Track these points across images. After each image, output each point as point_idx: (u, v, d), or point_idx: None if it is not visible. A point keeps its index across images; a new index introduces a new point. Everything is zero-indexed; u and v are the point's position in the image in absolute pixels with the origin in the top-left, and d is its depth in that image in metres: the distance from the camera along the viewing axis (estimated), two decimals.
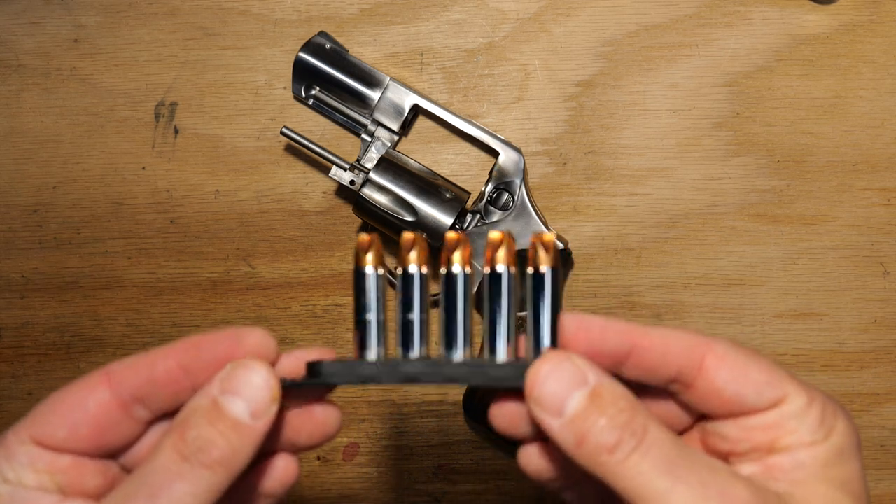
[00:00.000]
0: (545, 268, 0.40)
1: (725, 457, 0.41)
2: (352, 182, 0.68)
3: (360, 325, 0.41)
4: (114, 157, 0.73)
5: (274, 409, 0.39)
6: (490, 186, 0.69)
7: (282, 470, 0.42)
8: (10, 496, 0.39)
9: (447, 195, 0.67)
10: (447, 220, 0.66)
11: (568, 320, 0.40)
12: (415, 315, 0.41)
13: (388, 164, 0.67)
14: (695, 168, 0.71)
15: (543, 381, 0.38)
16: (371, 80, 0.70)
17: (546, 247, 0.40)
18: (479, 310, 0.41)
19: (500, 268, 0.40)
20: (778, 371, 0.40)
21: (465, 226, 0.69)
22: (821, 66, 0.71)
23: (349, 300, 0.73)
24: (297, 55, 0.70)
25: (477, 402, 0.70)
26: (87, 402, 0.40)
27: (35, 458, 0.40)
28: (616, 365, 0.40)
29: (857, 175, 0.71)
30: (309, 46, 0.70)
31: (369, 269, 0.41)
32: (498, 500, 0.73)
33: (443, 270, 0.41)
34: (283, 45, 0.71)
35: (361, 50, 0.71)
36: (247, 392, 0.39)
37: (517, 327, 0.41)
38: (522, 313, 0.41)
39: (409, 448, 0.73)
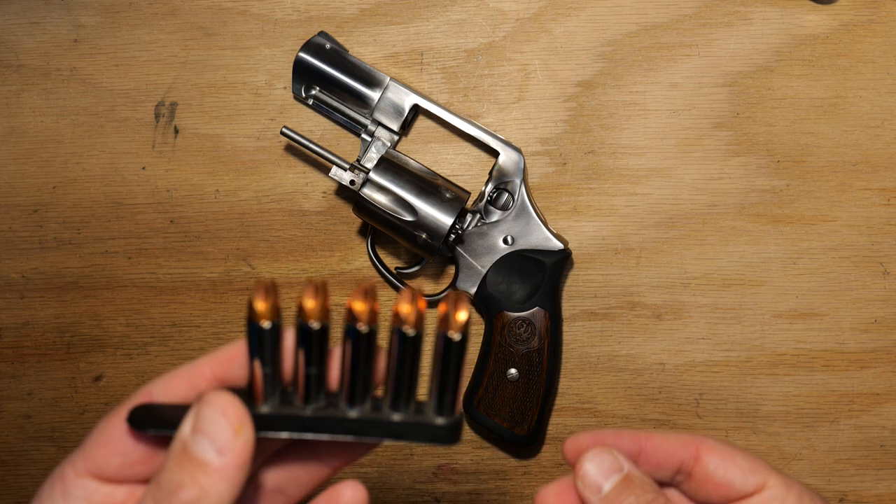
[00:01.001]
0: (457, 335, 0.39)
1: None
2: (352, 182, 0.68)
3: (254, 376, 0.40)
4: (114, 157, 0.73)
5: (240, 442, 0.39)
6: (490, 186, 0.69)
7: (349, 497, 0.46)
8: None
9: (447, 195, 0.67)
10: (447, 220, 0.66)
11: (585, 438, 0.47)
12: (313, 369, 0.40)
13: (388, 164, 0.67)
14: (695, 168, 0.71)
15: (587, 464, 0.45)
16: (371, 80, 0.70)
17: (460, 312, 0.39)
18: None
19: (409, 330, 0.39)
20: (760, 461, 0.47)
21: (465, 225, 0.69)
22: (821, 66, 0.71)
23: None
24: (297, 55, 0.70)
25: (477, 403, 0.70)
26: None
27: (91, 492, 0.40)
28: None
29: (857, 175, 0.71)
30: (309, 46, 0.70)
31: (265, 324, 0.38)
32: (498, 500, 0.73)
33: (360, 326, 0.39)
34: (283, 45, 0.71)
35: (361, 50, 0.71)
36: (211, 429, 0.38)
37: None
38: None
39: (409, 448, 0.73)
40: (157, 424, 0.40)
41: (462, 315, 0.39)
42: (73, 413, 0.74)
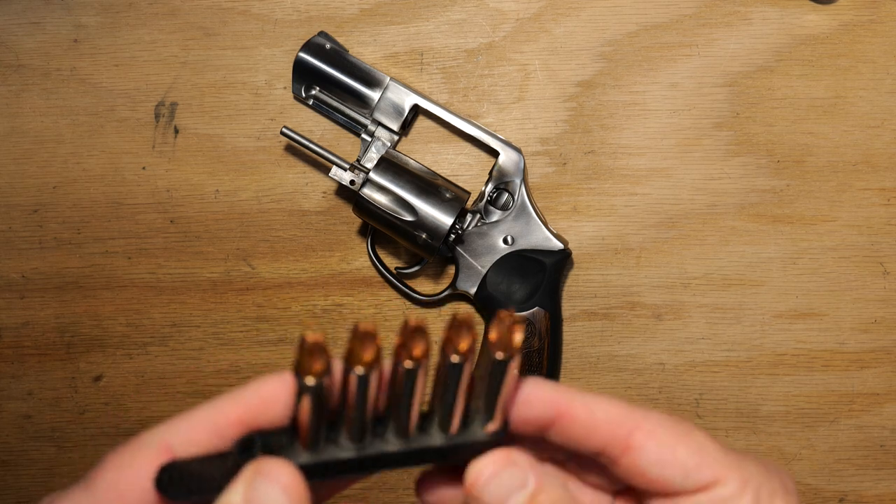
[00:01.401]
0: (504, 356, 0.36)
1: None
2: (352, 182, 0.68)
3: (300, 425, 0.37)
4: (114, 157, 0.73)
5: None
6: (490, 186, 0.69)
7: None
8: None
9: (447, 195, 0.67)
10: (447, 220, 0.66)
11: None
12: (357, 413, 0.37)
13: (388, 164, 0.67)
14: (695, 168, 0.71)
15: (486, 484, 0.37)
16: (371, 80, 0.70)
17: (514, 330, 0.37)
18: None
19: (456, 359, 0.36)
20: (711, 452, 0.38)
21: (465, 225, 0.69)
22: (821, 66, 0.71)
23: (349, 300, 0.73)
24: (297, 55, 0.69)
25: None
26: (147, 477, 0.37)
27: None
28: (540, 430, 0.39)
29: (857, 175, 0.71)
30: (309, 46, 0.70)
31: (310, 380, 0.35)
32: None
33: (406, 363, 0.36)
34: (283, 45, 0.71)
35: (361, 50, 0.71)
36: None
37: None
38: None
39: None
40: (191, 488, 0.36)
41: (518, 337, 0.36)
42: (73, 413, 0.74)
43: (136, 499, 0.37)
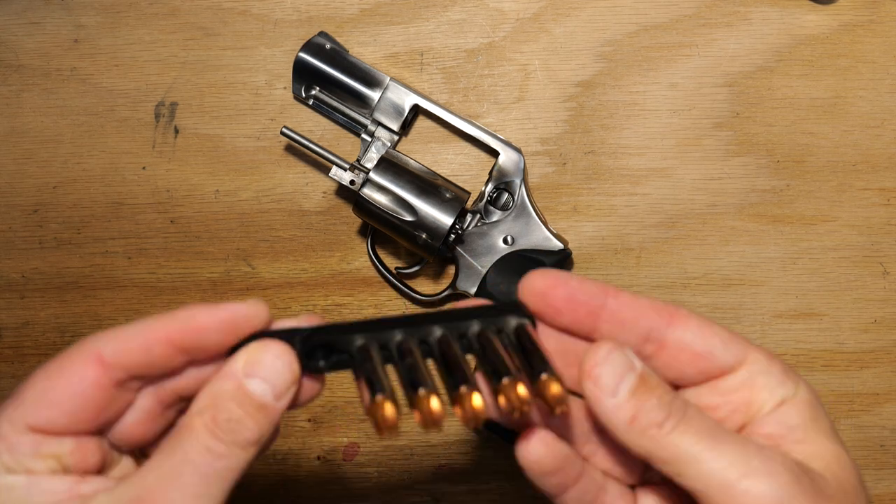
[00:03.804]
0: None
1: None
2: (352, 182, 0.68)
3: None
4: (114, 157, 0.73)
5: (294, 389, 0.41)
6: (490, 186, 0.69)
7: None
8: (27, 486, 0.40)
9: (447, 195, 0.67)
10: (447, 220, 0.66)
11: (545, 276, 0.43)
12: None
13: (388, 164, 0.67)
14: (695, 168, 0.71)
15: (602, 363, 0.41)
16: (371, 80, 0.70)
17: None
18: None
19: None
20: (736, 334, 0.44)
21: (465, 226, 0.69)
22: (821, 66, 0.71)
23: (349, 300, 0.73)
24: (297, 55, 0.70)
25: None
26: (83, 386, 0.40)
27: (38, 444, 0.40)
28: (592, 318, 0.43)
29: (857, 175, 0.71)
30: (309, 46, 0.70)
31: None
32: (498, 500, 0.73)
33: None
34: (283, 45, 0.71)
35: (361, 50, 0.71)
36: (270, 375, 0.40)
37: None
38: None
39: (409, 448, 0.73)
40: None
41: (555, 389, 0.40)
42: None
43: (67, 404, 0.40)
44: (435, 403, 0.39)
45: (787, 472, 0.39)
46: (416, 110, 0.71)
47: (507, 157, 0.69)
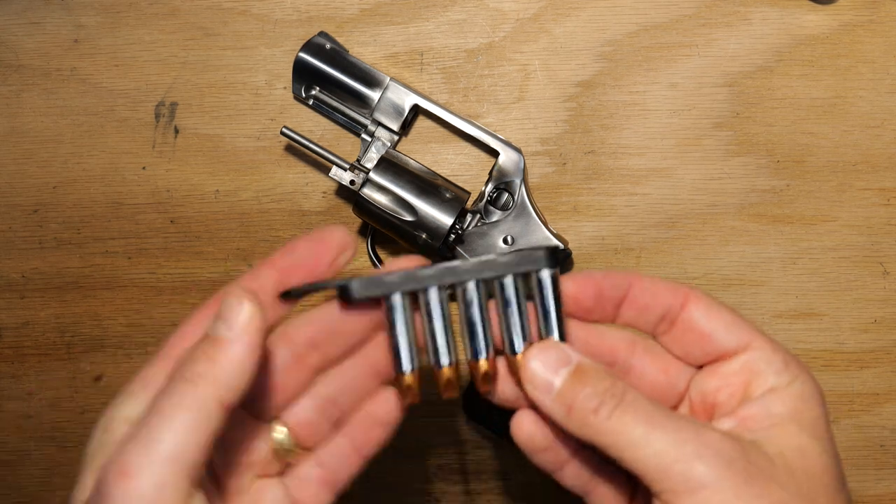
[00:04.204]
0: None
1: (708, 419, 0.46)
2: (352, 182, 0.68)
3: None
4: (114, 157, 0.73)
5: (253, 325, 0.41)
6: (490, 186, 0.69)
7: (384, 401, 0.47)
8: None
9: (447, 195, 0.67)
10: (447, 220, 0.66)
11: (574, 281, 0.46)
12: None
13: (388, 164, 0.67)
14: (695, 168, 0.71)
15: (533, 363, 0.44)
16: (371, 80, 0.70)
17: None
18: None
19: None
20: (746, 321, 0.46)
21: (465, 226, 0.69)
22: (821, 66, 0.71)
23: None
24: (297, 55, 0.70)
25: (476, 401, 0.70)
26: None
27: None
28: (615, 307, 0.46)
29: (857, 175, 0.71)
30: (309, 46, 0.70)
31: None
32: (498, 500, 0.73)
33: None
34: (283, 45, 0.71)
35: (361, 50, 0.71)
36: (230, 316, 0.41)
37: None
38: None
39: (409, 448, 0.73)
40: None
41: None
42: (73, 413, 0.74)
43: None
44: (452, 375, 0.45)
45: (718, 454, 0.40)
46: (416, 110, 0.71)
47: (507, 157, 0.69)
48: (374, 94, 0.70)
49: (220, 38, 0.72)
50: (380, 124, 0.70)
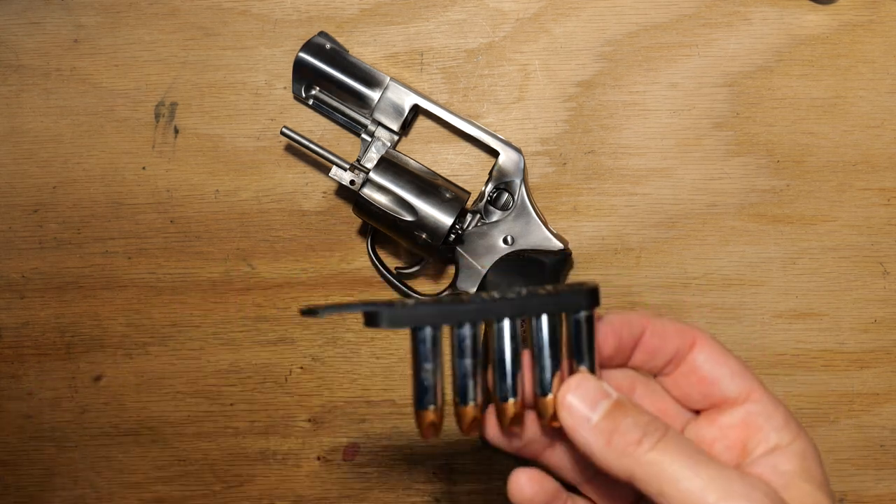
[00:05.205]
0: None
1: None
2: (352, 182, 0.68)
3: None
4: (114, 157, 0.73)
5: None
6: (490, 186, 0.69)
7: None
8: None
9: (447, 195, 0.67)
10: (447, 220, 0.66)
11: (598, 328, 0.45)
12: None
13: (388, 164, 0.67)
14: (695, 168, 0.71)
15: (574, 391, 0.43)
16: (371, 80, 0.70)
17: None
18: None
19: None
20: (751, 371, 0.45)
21: (465, 226, 0.69)
22: (821, 66, 0.71)
23: (349, 300, 0.73)
24: (297, 55, 0.70)
25: None
26: None
27: None
28: (630, 351, 0.46)
29: (857, 175, 0.71)
30: (309, 46, 0.70)
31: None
32: (498, 501, 0.73)
33: None
34: (283, 45, 0.71)
35: (361, 50, 0.71)
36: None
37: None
38: None
39: (409, 448, 0.73)
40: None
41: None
42: (74, 413, 0.74)
43: None
44: (478, 414, 0.43)
45: (766, 498, 0.40)
46: (416, 110, 0.71)
47: (507, 157, 0.69)
48: (374, 94, 0.70)
49: (220, 38, 0.72)
50: (380, 124, 0.70)
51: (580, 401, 0.42)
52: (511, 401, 0.43)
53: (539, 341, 0.44)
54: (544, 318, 0.43)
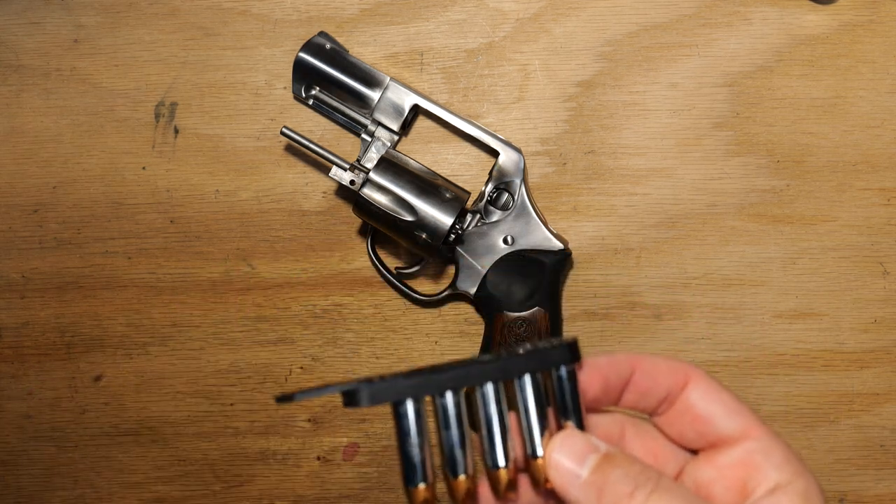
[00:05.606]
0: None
1: None
2: (352, 182, 0.68)
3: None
4: (114, 157, 0.73)
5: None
6: (490, 186, 0.69)
7: None
8: None
9: (447, 195, 0.67)
10: (447, 220, 0.66)
11: (583, 371, 0.43)
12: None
13: (388, 164, 0.67)
14: (695, 168, 0.71)
15: (560, 448, 0.41)
16: (371, 80, 0.70)
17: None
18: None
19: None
20: (747, 407, 0.44)
21: (465, 226, 0.69)
22: (821, 66, 0.71)
23: (349, 300, 0.73)
24: (297, 55, 0.70)
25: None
26: None
27: None
28: (619, 393, 0.44)
29: (857, 175, 0.71)
30: (309, 46, 0.70)
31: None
32: None
33: None
34: (283, 45, 0.71)
35: (361, 50, 0.71)
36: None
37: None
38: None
39: None
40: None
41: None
42: (74, 413, 0.74)
43: None
44: (472, 485, 0.41)
45: None
46: (416, 110, 0.71)
47: (507, 157, 0.69)
48: (374, 94, 0.70)
49: (220, 38, 0.72)
50: (380, 124, 0.70)
51: (567, 457, 0.41)
52: (503, 469, 0.42)
53: (524, 403, 0.42)
54: (527, 379, 0.42)
